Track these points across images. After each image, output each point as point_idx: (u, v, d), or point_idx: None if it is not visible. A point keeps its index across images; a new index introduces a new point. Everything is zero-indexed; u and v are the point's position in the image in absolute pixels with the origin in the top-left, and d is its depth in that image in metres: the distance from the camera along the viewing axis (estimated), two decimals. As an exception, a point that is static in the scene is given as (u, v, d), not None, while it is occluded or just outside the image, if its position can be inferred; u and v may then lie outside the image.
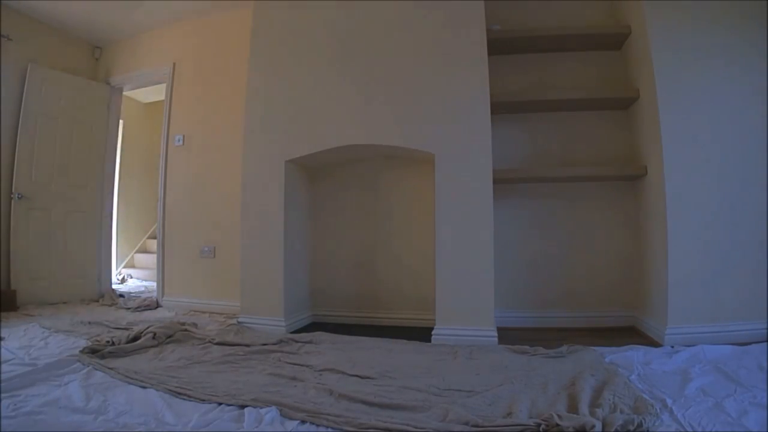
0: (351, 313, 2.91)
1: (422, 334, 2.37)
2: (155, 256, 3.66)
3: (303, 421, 1.29)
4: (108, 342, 2.03)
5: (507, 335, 2.31)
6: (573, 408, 1.31)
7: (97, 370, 1.75)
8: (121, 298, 3.69)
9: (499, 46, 2.66)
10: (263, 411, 1.33)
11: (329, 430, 1.25)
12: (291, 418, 1.31)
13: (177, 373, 1.71)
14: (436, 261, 2.36)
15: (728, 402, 1.35)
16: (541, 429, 1.16)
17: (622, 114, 2.72)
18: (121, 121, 4.28)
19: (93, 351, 1.94)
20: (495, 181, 2.37)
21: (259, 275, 2.65)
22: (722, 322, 2.14)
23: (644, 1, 2.34)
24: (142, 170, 5.51)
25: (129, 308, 3.32)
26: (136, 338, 2.13)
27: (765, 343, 1.96)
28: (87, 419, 1.28)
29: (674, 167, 2.22)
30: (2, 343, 2.13)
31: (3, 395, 1.43)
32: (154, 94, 5.21)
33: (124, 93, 4.14)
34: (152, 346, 2.09)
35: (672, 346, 2.03)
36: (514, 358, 1.93)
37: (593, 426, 1.13)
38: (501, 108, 2.62)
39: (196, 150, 3.50)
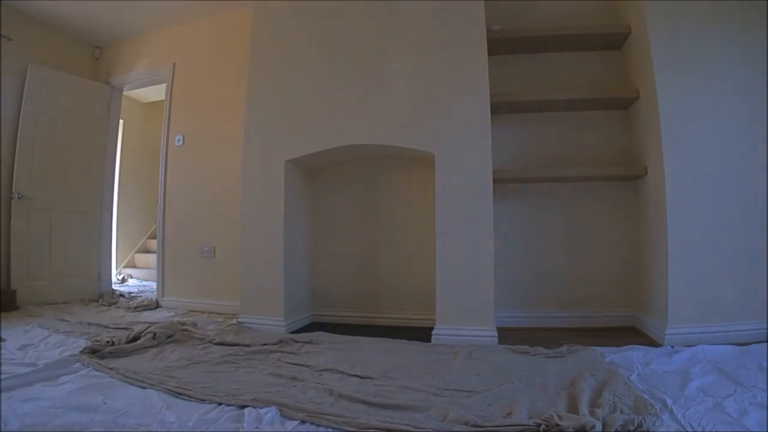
0: (351, 313, 2.91)
1: (422, 334, 2.37)
2: (155, 255, 3.66)
3: (303, 421, 1.29)
4: (108, 342, 2.03)
5: (507, 335, 2.31)
6: (573, 408, 1.31)
7: (97, 370, 1.75)
8: (122, 298, 3.68)
9: (499, 46, 2.66)
10: (263, 411, 1.33)
11: (329, 430, 1.25)
12: (291, 418, 1.31)
13: (177, 373, 1.71)
14: (436, 261, 2.36)
15: (728, 402, 1.35)
16: (541, 429, 1.16)
17: (622, 114, 2.72)
18: (121, 121, 4.28)
19: (93, 351, 1.94)
20: (495, 181, 2.37)
21: (259, 275, 2.65)
22: (722, 322, 2.13)
23: (644, 1, 2.34)
24: (142, 170, 5.51)
25: (129, 308, 3.32)
26: (136, 338, 2.13)
27: (765, 343, 1.96)
28: (87, 419, 1.28)
29: (674, 167, 2.22)
30: (2, 343, 2.13)
31: (3, 395, 1.43)
32: (154, 94, 5.21)
33: (124, 93, 4.14)
34: (152, 346, 2.09)
35: (672, 346, 2.03)
36: (514, 358, 1.93)
37: (593, 426, 1.13)
38: (501, 108, 2.62)
39: (196, 150, 3.50)
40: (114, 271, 4.77)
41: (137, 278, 5.11)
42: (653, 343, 2.15)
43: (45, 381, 1.60)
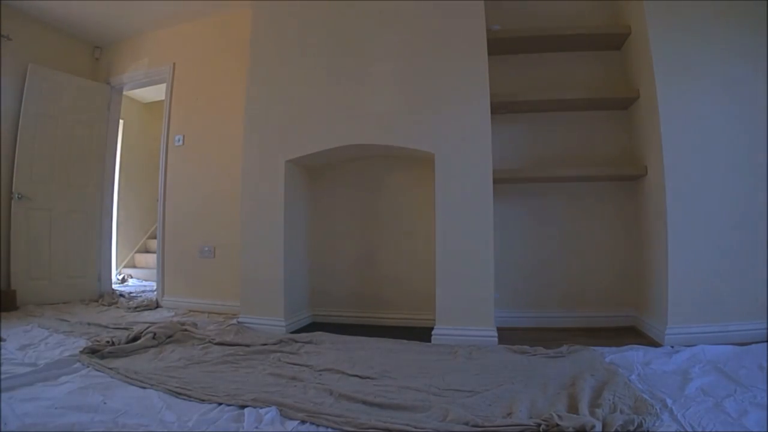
0: (351, 313, 2.91)
1: (422, 334, 2.37)
2: (155, 255, 3.66)
3: (303, 421, 1.29)
4: (108, 342, 2.03)
5: (507, 335, 2.31)
6: (573, 408, 1.31)
7: (97, 370, 1.75)
8: (122, 298, 3.68)
9: (499, 46, 2.66)
10: (263, 411, 1.33)
11: (329, 430, 1.25)
12: (291, 418, 1.31)
13: (177, 373, 1.71)
14: (436, 261, 2.36)
15: (728, 402, 1.35)
16: (541, 429, 1.16)
17: (622, 114, 2.72)
18: (121, 121, 4.28)
19: (93, 351, 1.94)
20: (495, 181, 2.37)
21: (259, 275, 2.65)
22: (722, 322, 2.14)
23: (644, 1, 2.34)
24: (142, 170, 5.51)
25: (129, 308, 3.32)
26: (136, 338, 2.13)
27: (765, 343, 1.96)
28: (87, 419, 1.28)
29: (674, 167, 2.22)
30: (2, 343, 2.13)
31: (3, 395, 1.43)
32: (154, 94, 5.21)
33: (124, 93, 4.14)
34: (152, 346, 2.09)
35: (672, 346, 2.03)
36: (514, 358, 1.93)
37: (593, 426, 1.13)
38: (501, 108, 2.62)
39: (196, 150, 3.50)
40: (114, 271, 4.77)
41: (137, 278, 5.11)
42: (653, 343, 2.15)
43: (45, 381, 1.60)
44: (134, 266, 5.44)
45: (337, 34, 2.65)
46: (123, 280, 4.93)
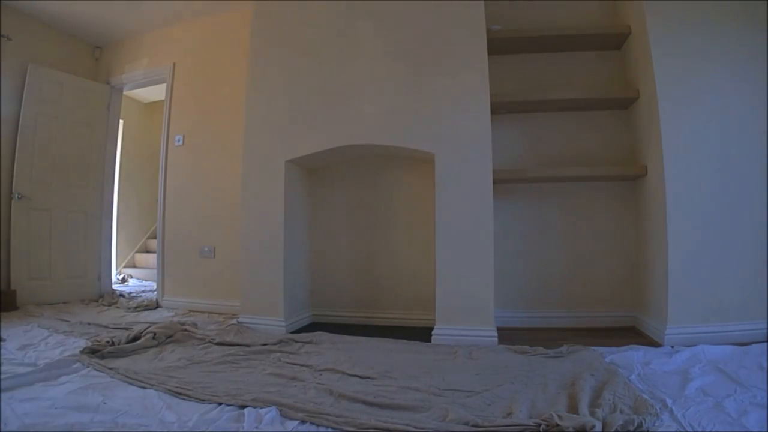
0: (351, 313, 2.91)
1: (422, 334, 2.37)
2: (155, 255, 3.66)
3: (303, 421, 1.29)
4: (108, 342, 2.03)
5: (507, 335, 2.31)
6: (573, 408, 1.31)
7: (97, 370, 1.75)
8: (122, 298, 3.68)
9: (499, 46, 2.66)
10: (263, 411, 1.33)
11: (329, 430, 1.25)
12: (291, 418, 1.31)
13: (177, 373, 1.71)
14: (436, 261, 2.36)
15: (728, 402, 1.35)
16: (541, 429, 1.16)
17: (622, 114, 2.72)
18: (121, 121, 4.28)
19: (93, 351, 1.94)
20: (495, 181, 2.37)
21: (259, 275, 2.65)
22: (722, 322, 2.14)
23: (644, 1, 2.34)
24: (142, 170, 5.51)
25: (129, 308, 3.31)
26: (136, 338, 2.13)
27: (765, 343, 1.96)
28: (87, 419, 1.28)
29: (674, 167, 2.22)
30: (2, 343, 2.13)
31: (3, 395, 1.43)
32: (154, 94, 5.21)
33: (124, 93, 4.14)
34: (152, 346, 2.10)
35: (672, 346, 2.03)
36: (514, 358, 1.93)
37: (593, 426, 1.13)
38: (501, 108, 2.62)
39: (196, 150, 3.50)
40: (114, 271, 4.77)
41: (137, 278, 5.11)
42: (653, 343, 2.15)
43: (45, 381, 1.60)
44: (134, 266, 5.44)
45: (338, 34, 2.65)
46: (123, 280, 4.93)
